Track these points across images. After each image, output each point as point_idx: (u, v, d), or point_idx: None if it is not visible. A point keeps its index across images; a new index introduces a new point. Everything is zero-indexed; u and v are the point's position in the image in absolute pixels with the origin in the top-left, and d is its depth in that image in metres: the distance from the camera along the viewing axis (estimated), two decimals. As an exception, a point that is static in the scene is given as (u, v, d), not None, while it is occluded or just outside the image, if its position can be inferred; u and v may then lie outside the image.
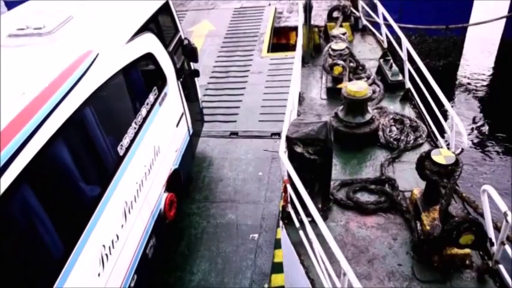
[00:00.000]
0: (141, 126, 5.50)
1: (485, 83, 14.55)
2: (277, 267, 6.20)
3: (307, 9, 9.01)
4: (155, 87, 6.08)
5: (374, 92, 7.12)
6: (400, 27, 7.55)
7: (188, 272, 6.43)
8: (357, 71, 7.83)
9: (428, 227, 4.44)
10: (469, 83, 14.55)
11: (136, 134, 5.36)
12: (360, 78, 7.43)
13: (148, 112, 5.75)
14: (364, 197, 5.24)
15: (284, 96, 7.55)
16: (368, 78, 7.61)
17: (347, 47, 7.64)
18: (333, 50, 7.54)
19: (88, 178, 4.50)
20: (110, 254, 4.56)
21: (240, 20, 14.54)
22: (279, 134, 8.39)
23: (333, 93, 7.37)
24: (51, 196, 3.86)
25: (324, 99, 7.54)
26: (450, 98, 13.53)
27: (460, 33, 14.14)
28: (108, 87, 4.89)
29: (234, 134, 9.30)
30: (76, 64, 4.46)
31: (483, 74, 14.97)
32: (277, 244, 6.49)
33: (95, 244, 4.28)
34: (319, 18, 12.74)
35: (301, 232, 4.55)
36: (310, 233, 4.12)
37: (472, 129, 12.25)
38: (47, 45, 4.80)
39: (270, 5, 15.25)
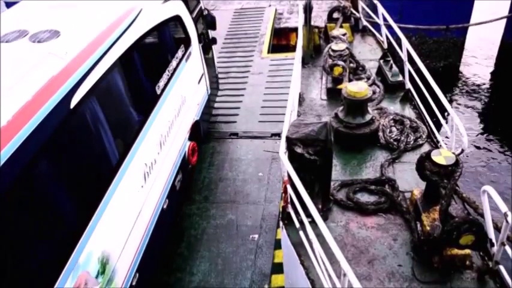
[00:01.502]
0: (172, 74, 6.63)
1: (485, 84, 14.54)
2: (277, 268, 6.20)
3: (307, 10, 9.01)
4: (182, 45, 7.23)
5: (374, 92, 7.13)
6: (400, 28, 7.56)
7: (188, 272, 6.42)
8: (357, 71, 7.83)
9: (428, 228, 4.44)
10: (469, 84, 14.55)
11: (168, 80, 6.48)
12: (360, 79, 7.43)
13: (177, 65, 6.89)
14: (364, 198, 5.24)
15: (284, 97, 7.54)
16: (368, 78, 7.61)
17: (347, 48, 7.64)
18: (333, 50, 7.54)
19: (135, 106, 5.61)
20: (150, 173, 5.59)
21: (240, 21, 14.56)
22: (279, 135, 8.38)
23: (333, 94, 7.37)
24: (111, 115, 4.81)
25: (324, 99, 7.54)
26: (450, 98, 13.52)
27: (460, 34, 14.13)
28: (148, 38, 6.01)
29: (234, 135, 9.30)
30: (125, 16, 5.55)
31: (483, 75, 14.96)
32: (277, 245, 6.48)
33: (139, 159, 5.31)
34: (319, 19, 12.75)
35: (301, 233, 4.55)
36: (310, 234, 4.12)
37: (472, 129, 12.24)
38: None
39: (270, 6, 15.27)
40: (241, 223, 7.14)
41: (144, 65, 5.82)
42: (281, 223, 4.96)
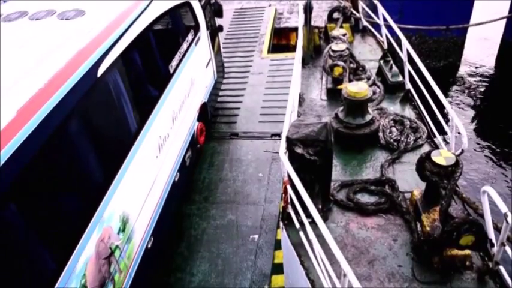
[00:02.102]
0: (183, 56, 7.13)
1: (485, 84, 14.53)
2: (278, 268, 6.20)
3: (308, 10, 9.01)
4: (192, 30, 7.78)
5: (374, 93, 7.13)
6: (400, 28, 7.55)
7: (188, 273, 6.43)
8: (357, 72, 7.83)
9: (428, 228, 4.44)
10: (469, 84, 14.54)
11: (180, 61, 7.00)
12: (360, 79, 7.43)
13: (188, 48, 7.40)
14: (364, 198, 5.24)
15: (284, 97, 7.54)
16: (368, 79, 7.61)
17: (347, 48, 7.64)
18: (333, 51, 7.54)
19: (151, 82, 6.15)
20: (163, 145, 6.09)
21: (240, 20, 14.56)
22: (279, 135, 8.38)
23: (333, 94, 7.37)
24: (131, 87, 5.35)
25: (324, 100, 7.54)
26: (450, 98, 13.52)
27: (460, 34, 14.12)
28: (161, 21, 6.49)
29: (234, 135, 9.30)
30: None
31: (483, 75, 14.96)
32: (278, 245, 6.48)
33: (155, 131, 5.77)
34: (319, 19, 12.76)
35: (301, 233, 4.54)
36: (310, 234, 4.12)
37: (472, 130, 12.24)
38: None
39: (270, 5, 15.27)
40: (242, 223, 7.14)
41: (159, 45, 6.35)
42: (281, 223, 4.96)
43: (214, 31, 9.21)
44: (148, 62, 6.11)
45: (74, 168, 4.31)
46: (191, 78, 7.48)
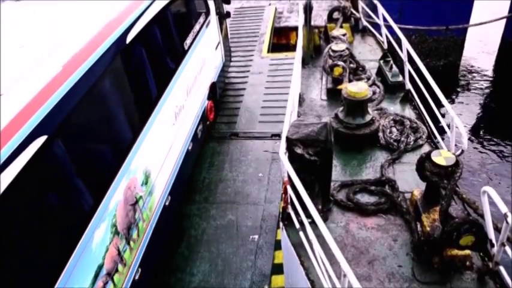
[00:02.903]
0: (195, 36, 7.86)
1: (485, 84, 14.53)
2: (278, 269, 6.20)
3: (308, 10, 9.00)
4: (203, 13, 8.45)
5: (374, 93, 7.13)
6: (400, 28, 7.55)
7: (188, 273, 6.43)
8: (357, 72, 7.83)
9: (428, 228, 4.44)
10: (469, 84, 14.54)
11: (193, 40, 7.72)
12: (360, 79, 7.43)
13: (200, 29, 8.12)
14: (364, 198, 5.24)
15: (284, 97, 7.55)
16: (368, 79, 7.61)
17: (347, 48, 7.64)
18: (333, 51, 7.54)
19: (170, 55, 6.83)
20: (179, 114, 6.85)
21: (240, 20, 14.55)
22: (279, 135, 8.38)
23: (333, 94, 7.37)
24: (152, 57, 6.05)
25: (324, 100, 7.54)
26: (450, 98, 13.51)
27: (460, 33, 14.12)
28: (176, 3, 7.12)
29: (234, 135, 9.30)
30: None
31: (483, 75, 14.96)
32: (278, 245, 6.49)
33: (172, 100, 6.52)
34: (319, 18, 12.75)
35: (301, 233, 4.55)
36: (310, 234, 4.12)
37: (472, 130, 12.24)
38: None
39: (270, 4, 15.27)
40: (241, 224, 7.14)
41: (175, 22, 7.08)
42: (281, 224, 4.96)
43: (222, 17, 9.84)
44: (167, 36, 6.81)
45: (109, 119, 5.12)
46: (202, 57, 8.24)
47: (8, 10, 5.13)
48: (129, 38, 5.38)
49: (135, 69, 5.70)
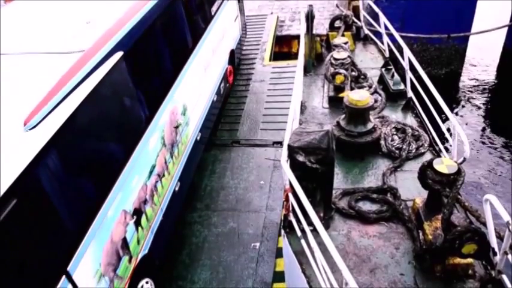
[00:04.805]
0: (220, 5, 9.34)
1: (487, 91, 14.54)
2: (279, 276, 6.18)
3: (310, 18, 9.04)
4: None
5: (376, 101, 7.14)
6: (402, 36, 7.57)
7: (189, 281, 6.41)
8: (358, 80, 7.85)
9: (430, 237, 4.43)
10: (471, 92, 14.55)
11: (218, 8, 9.23)
12: (361, 87, 7.44)
13: (221, 2, 9.49)
14: (366, 206, 5.24)
15: (286, 105, 7.56)
16: (370, 87, 7.62)
17: (349, 56, 7.65)
18: (335, 59, 7.56)
19: (201, 15, 8.26)
20: (207, 68, 8.30)
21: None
22: (280, 143, 8.39)
23: (335, 102, 7.39)
24: (190, 16, 7.52)
25: (325, 108, 7.55)
26: (452, 106, 13.51)
27: (462, 42, 14.15)
28: None
29: (235, 143, 9.31)
30: None
31: (485, 82, 14.97)
32: (279, 253, 6.47)
33: (202, 53, 7.92)
34: (321, 26, 12.79)
35: (302, 241, 4.54)
36: (311, 242, 4.11)
37: (474, 138, 12.21)
38: None
39: (272, 13, 15.33)
40: (243, 231, 7.12)
41: None
42: (283, 231, 4.96)
43: None
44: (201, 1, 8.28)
45: (162, 51, 6.61)
46: (224, 25, 9.64)
47: None
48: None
49: (177, 21, 7.11)
